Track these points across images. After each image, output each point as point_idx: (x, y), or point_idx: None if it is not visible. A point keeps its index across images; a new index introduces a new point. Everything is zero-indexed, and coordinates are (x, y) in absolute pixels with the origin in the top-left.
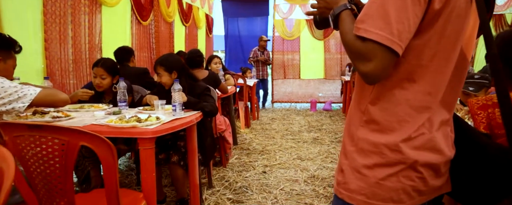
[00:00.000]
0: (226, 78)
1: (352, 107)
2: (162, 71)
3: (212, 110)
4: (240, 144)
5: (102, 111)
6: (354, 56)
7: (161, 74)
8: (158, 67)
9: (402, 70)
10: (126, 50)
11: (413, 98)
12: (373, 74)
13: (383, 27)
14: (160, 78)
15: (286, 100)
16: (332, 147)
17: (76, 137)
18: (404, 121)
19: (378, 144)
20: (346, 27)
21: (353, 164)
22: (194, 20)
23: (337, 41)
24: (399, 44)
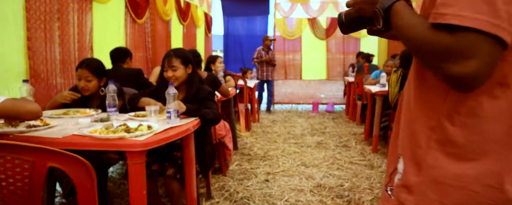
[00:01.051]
0: (227, 79)
1: (413, 120)
2: (178, 64)
3: (214, 119)
4: (241, 148)
5: (88, 117)
6: (437, 55)
7: (175, 68)
8: (173, 59)
9: (495, 70)
10: (124, 51)
11: (510, 110)
12: (475, 76)
13: (484, 9)
14: (174, 72)
15: (287, 102)
16: (338, 151)
17: (44, 157)
18: (500, 142)
19: (463, 176)
20: (410, 19)
21: (424, 203)
22: (193, 18)
23: (339, 41)
24: (509, 31)
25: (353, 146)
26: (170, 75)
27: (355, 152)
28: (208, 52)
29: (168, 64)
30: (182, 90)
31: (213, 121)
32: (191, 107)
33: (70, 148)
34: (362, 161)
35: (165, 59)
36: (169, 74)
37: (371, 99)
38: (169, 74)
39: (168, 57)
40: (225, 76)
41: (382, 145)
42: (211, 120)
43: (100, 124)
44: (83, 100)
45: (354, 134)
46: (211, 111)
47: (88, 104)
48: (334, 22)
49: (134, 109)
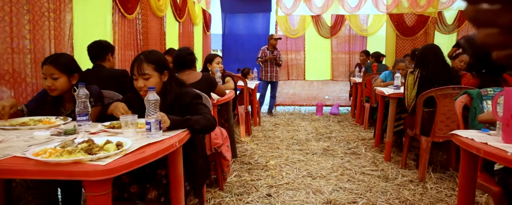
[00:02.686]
0: (226, 80)
1: None
2: (150, 71)
3: (207, 125)
4: (240, 156)
5: (47, 130)
6: None
7: (148, 76)
8: (145, 65)
9: None
10: (102, 45)
11: None
12: None
13: None
14: (146, 81)
15: (289, 104)
16: (347, 160)
17: None
18: None
19: None
20: None
21: None
22: (189, 15)
23: (345, 40)
24: None
25: (363, 153)
26: (141, 85)
27: (366, 161)
28: (207, 52)
29: (138, 71)
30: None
31: (206, 129)
32: (177, 120)
33: (2, 177)
34: (375, 172)
35: (134, 65)
36: (139, 83)
37: (382, 102)
38: (140, 83)
39: (138, 63)
40: (224, 77)
41: (395, 152)
42: (203, 128)
43: (60, 139)
44: (53, 104)
45: (363, 139)
46: (202, 117)
47: (59, 108)
48: (339, 19)
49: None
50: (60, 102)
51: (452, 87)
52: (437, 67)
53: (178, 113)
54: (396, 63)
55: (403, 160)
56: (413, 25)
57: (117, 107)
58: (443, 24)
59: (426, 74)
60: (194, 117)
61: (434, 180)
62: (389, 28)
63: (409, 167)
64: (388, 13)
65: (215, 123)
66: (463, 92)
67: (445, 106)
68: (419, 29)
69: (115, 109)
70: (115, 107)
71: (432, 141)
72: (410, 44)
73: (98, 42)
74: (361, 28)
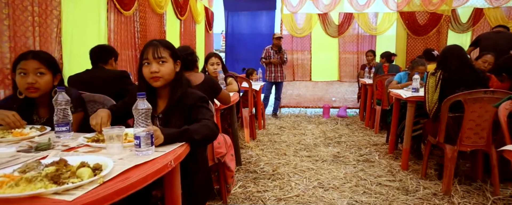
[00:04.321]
0: (228, 82)
1: None
2: (167, 55)
3: (209, 135)
4: (245, 163)
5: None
6: None
7: (165, 59)
8: (161, 49)
9: None
10: (106, 49)
11: None
12: None
13: None
14: (160, 66)
15: (295, 105)
16: (360, 168)
17: None
18: None
19: None
20: None
21: None
22: (191, 13)
23: (353, 39)
24: None
25: (377, 160)
26: (154, 69)
27: (381, 169)
28: (209, 51)
29: (153, 55)
30: (164, 96)
31: (206, 139)
32: (172, 133)
33: None
34: (392, 182)
35: (148, 49)
36: (153, 68)
37: (397, 105)
38: (154, 68)
39: (153, 46)
40: (226, 78)
41: (411, 160)
42: (204, 139)
43: (28, 157)
44: (25, 110)
45: (375, 144)
46: (203, 125)
47: (33, 115)
48: (347, 17)
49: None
50: (33, 107)
51: (483, 91)
52: (461, 68)
53: (180, 113)
54: (415, 66)
55: (423, 170)
56: (425, 24)
57: (97, 115)
58: (457, 22)
59: (449, 76)
60: (192, 126)
61: (461, 193)
62: (400, 27)
63: (430, 178)
64: (399, 11)
65: (217, 131)
66: (508, 97)
67: (474, 111)
68: (431, 28)
69: (93, 118)
70: (94, 116)
71: (458, 150)
72: (421, 43)
73: (102, 46)
74: (370, 27)
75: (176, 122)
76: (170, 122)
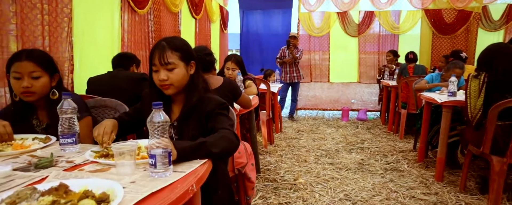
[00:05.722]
0: (247, 85)
1: None
2: (176, 59)
3: (228, 148)
4: (264, 171)
5: (13, 159)
6: None
7: (173, 65)
8: (169, 53)
9: None
10: (127, 56)
11: None
12: None
13: None
14: (169, 73)
15: (311, 107)
16: (389, 178)
17: None
18: None
19: None
20: None
21: None
22: (206, 12)
23: (374, 38)
24: None
25: (406, 169)
26: (163, 77)
27: (412, 180)
28: (224, 51)
29: (160, 61)
30: (179, 102)
31: (227, 152)
32: (186, 147)
33: None
34: (427, 195)
35: (155, 54)
36: (161, 76)
37: (428, 110)
38: (162, 75)
39: (160, 50)
40: (244, 81)
41: (445, 170)
42: (224, 152)
43: (24, 178)
44: (22, 114)
45: (401, 151)
46: (222, 136)
47: (32, 119)
48: (367, 16)
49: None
50: (31, 111)
51: None
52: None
53: (196, 121)
54: (451, 68)
55: (462, 182)
56: (453, 22)
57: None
58: (488, 20)
59: (496, 79)
60: (209, 138)
61: None
62: (425, 25)
63: (470, 191)
64: (424, 9)
65: (238, 143)
66: None
67: None
68: (459, 26)
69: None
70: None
71: (509, 162)
72: (448, 43)
73: (123, 53)
74: (392, 26)
75: (192, 131)
76: (185, 130)
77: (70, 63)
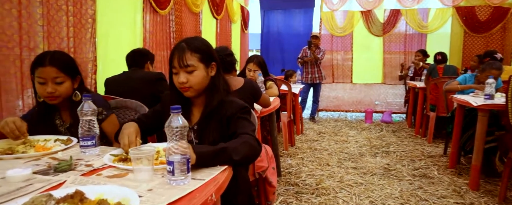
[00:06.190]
0: (268, 86)
1: None
2: (195, 61)
3: (249, 155)
4: (285, 174)
5: (35, 161)
6: None
7: (193, 68)
8: (188, 55)
9: None
10: (141, 53)
11: None
12: None
13: None
14: (188, 76)
15: (333, 109)
16: (417, 185)
17: None
18: None
19: None
20: None
21: None
22: (227, 12)
23: (400, 38)
24: None
25: (436, 176)
26: (183, 80)
27: (444, 188)
28: (244, 52)
29: (179, 63)
30: (199, 104)
31: (248, 159)
32: (206, 152)
33: None
34: None
35: (175, 55)
36: (181, 78)
37: (461, 113)
38: (182, 78)
39: (179, 52)
40: (266, 82)
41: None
42: (245, 158)
43: (43, 182)
44: (47, 114)
45: (430, 156)
46: (243, 142)
47: (55, 119)
48: (393, 15)
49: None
50: (55, 111)
51: None
52: None
53: (217, 124)
54: (487, 68)
55: (501, 192)
56: (487, 20)
57: (123, 134)
58: None
59: None
60: (230, 144)
61: None
62: (455, 23)
63: (511, 202)
64: (455, 6)
65: (259, 148)
66: None
67: None
68: (494, 24)
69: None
70: (121, 135)
71: None
72: (481, 42)
73: (137, 50)
74: (420, 25)
75: (212, 135)
76: (206, 134)
77: (93, 64)
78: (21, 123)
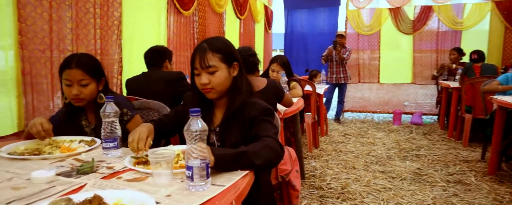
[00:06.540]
0: (292, 86)
1: None
2: (217, 62)
3: (271, 159)
4: (309, 177)
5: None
6: None
7: (214, 68)
8: (209, 55)
9: None
10: (159, 51)
11: None
12: None
13: None
14: (210, 77)
15: (359, 110)
16: (452, 192)
17: None
18: None
19: None
20: None
21: None
22: (251, 12)
23: (431, 36)
24: None
25: (474, 183)
26: (205, 81)
27: (483, 196)
28: (268, 52)
29: (201, 64)
30: (222, 106)
31: (270, 163)
32: (225, 155)
33: None
34: None
35: (196, 56)
36: (203, 80)
37: (502, 115)
38: (204, 79)
39: (200, 53)
40: (289, 82)
41: None
42: (267, 163)
43: (65, 184)
44: (73, 115)
45: (466, 160)
46: (265, 146)
47: (81, 120)
48: (424, 11)
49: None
50: (81, 112)
51: None
52: None
53: (239, 126)
54: None
55: None
56: None
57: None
58: None
59: None
60: (251, 147)
61: None
62: (495, 19)
63: None
64: (494, 1)
65: (282, 152)
66: None
67: None
68: None
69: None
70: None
71: None
72: None
73: (154, 48)
74: (454, 21)
75: (235, 137)
76: (228, 136)
77: (119, 65)
78: (48, 125)
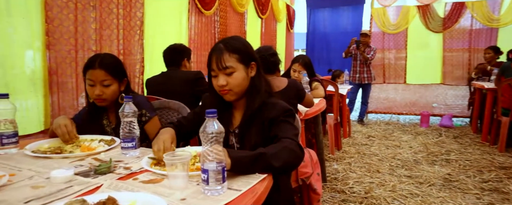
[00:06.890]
0: (314, 87)
1: None
2: (234, 62)
3: (290, 161)
4: (330, 180)
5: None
6: None
7: (232, 69)
8: (226, 56)
9: None
10: (177, 50)
11: None
12: None
13: None
14: (228, 78)
15: (384, 111)
16: (487, 201)
17: None
18: None
19: None
20: None
21: None
22: (273, 11)
23: (463, 34)
24: None
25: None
26: (222, 83)
27: None
28: (290, 52)
29: (217, 65)
30: (240, 107)
31: (289, 166)
32: (242, 157)
33: None
34: None
35: (213, 57)
36: (220, 81)
37: None
38: (221, 81)
39: (217, 54)
40: (311, 82)
41: None
42: (286, 165)
43: (83, 184)
44: (95, 115)
45: (503, 167)
46: (284, 148)
47: (103, 119)
48: (456, 8)
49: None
50: (103, 111)
51: None
52: None
53: (259, 128)
54: None
55: None
56: None
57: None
58: None
59: None
60: (270, 149)
61: None
62: None
63: None
64: None
65: (302, 155)
66: None
67: None
68: None
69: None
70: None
71: None
72: None
73: (173, 47)
74: (489, 18)
75: (254, 138)
76: (247, 138)
77: (141, 65)
78: (72, 127)
